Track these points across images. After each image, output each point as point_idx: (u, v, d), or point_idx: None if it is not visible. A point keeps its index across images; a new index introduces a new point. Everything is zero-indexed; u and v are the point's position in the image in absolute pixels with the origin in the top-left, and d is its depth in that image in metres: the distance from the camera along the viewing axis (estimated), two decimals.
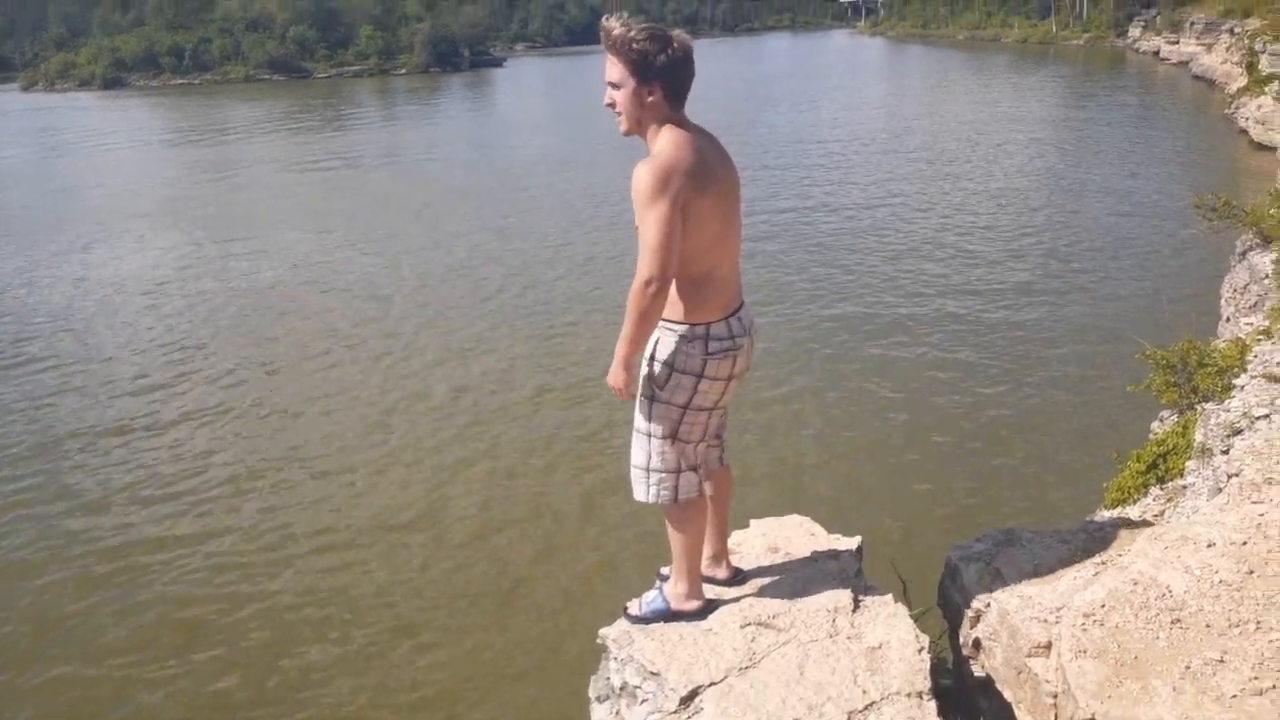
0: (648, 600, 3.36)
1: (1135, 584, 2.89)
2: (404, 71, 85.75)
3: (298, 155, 34.18)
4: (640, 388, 3.07)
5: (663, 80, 2.84)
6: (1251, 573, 2.86)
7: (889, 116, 37.83)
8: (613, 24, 2.83)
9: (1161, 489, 5.40)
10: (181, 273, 17.95)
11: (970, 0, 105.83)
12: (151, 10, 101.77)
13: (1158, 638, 2.66)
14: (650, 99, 2.86)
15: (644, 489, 3.18)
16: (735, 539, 3.75)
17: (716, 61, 79.56)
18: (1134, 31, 67.56)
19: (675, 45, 2.83)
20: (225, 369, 12.79)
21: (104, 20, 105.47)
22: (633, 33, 2.80)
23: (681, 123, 2.91)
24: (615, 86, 2.88)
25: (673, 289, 2.91)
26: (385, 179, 28.12)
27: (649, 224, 2.74)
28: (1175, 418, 6.61)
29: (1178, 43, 52.89)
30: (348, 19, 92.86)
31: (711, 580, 3.42)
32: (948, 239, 17.56)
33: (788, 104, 44.13)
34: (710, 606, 3.29)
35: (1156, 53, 57.31)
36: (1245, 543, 3.01)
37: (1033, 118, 34.94)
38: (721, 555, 3.48)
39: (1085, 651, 2.65)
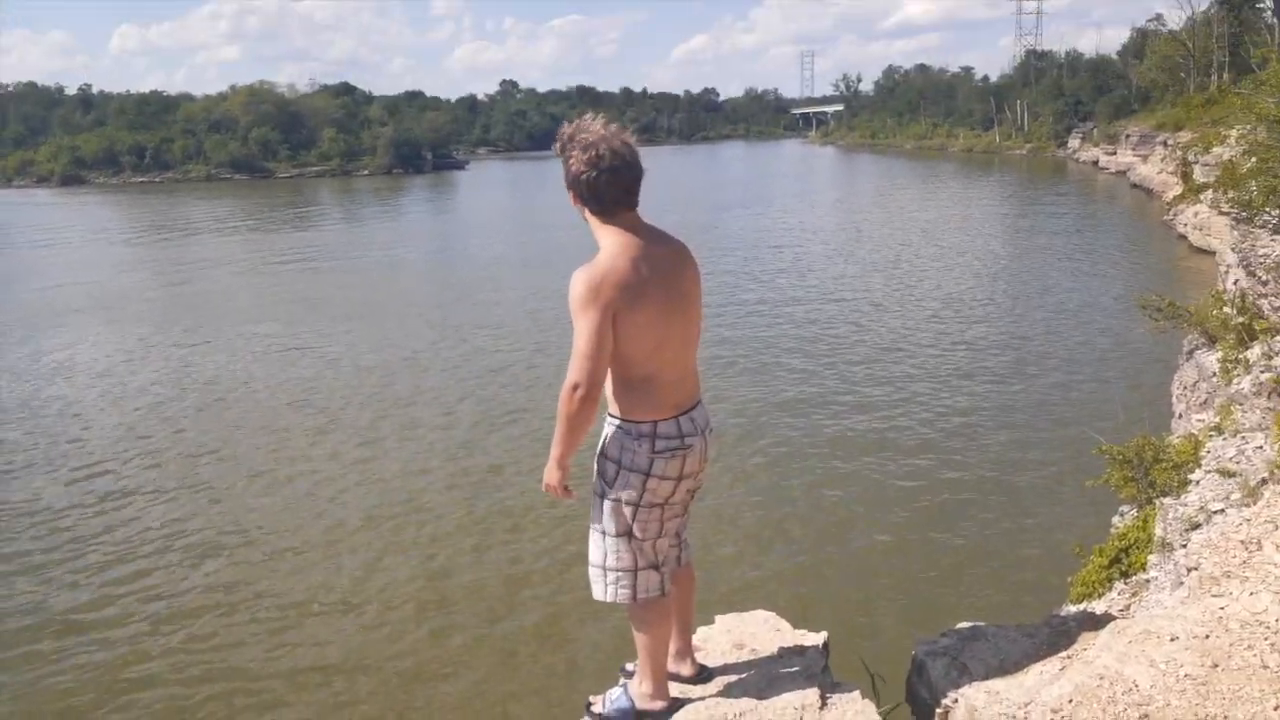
0: (612, 698, 3.27)
1: (1101, 679, 2.86)
2: (367, 173, 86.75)
3: (254, 253, 34.18)
4: (593, 485, 3.04)
5: (580, 196, 2.86)
6: (1216, 666, 2.85)
7: (841, 221, 38.86)
8: (565, 127, 2.89)
9: (1125, 583, 5.42)
10: (129, 364, 17.72)
11: (916, 112, 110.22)
12: (114, 111, 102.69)
13: None
14: (576, 205, 2.91)
15: (602, 588, 3.11)
16: (700, 635, 3.68)
17: (674, 170, 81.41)
18: (1073, 142, 70.67)
19: (600, 168, 2.80)
20: (166, 456, 12.62)
21: (65, 119, 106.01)
22: (569, 142, 2.85)
23: (627, 227, 2.88)
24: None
25: (619, 387, 2.91)
26: (340, 277, 28.15)
27: (578, 331, 2.75)
28: (1135, 512, 6.69)
29: (1115, 153, 55.35)
30: (311, 122, 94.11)
31: (676, 677, 3.34)
32: (904, 337, 17.89)
33: (741, 207, 45.16)
34: (675, 705, 3.20)
35: (1095, 162, 59.90)
36: (1208, 636, 3.01)
37: (980, 222, 36.10)
38: (685, 652, 3.40)
39: None
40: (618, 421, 2.96)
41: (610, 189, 2.84)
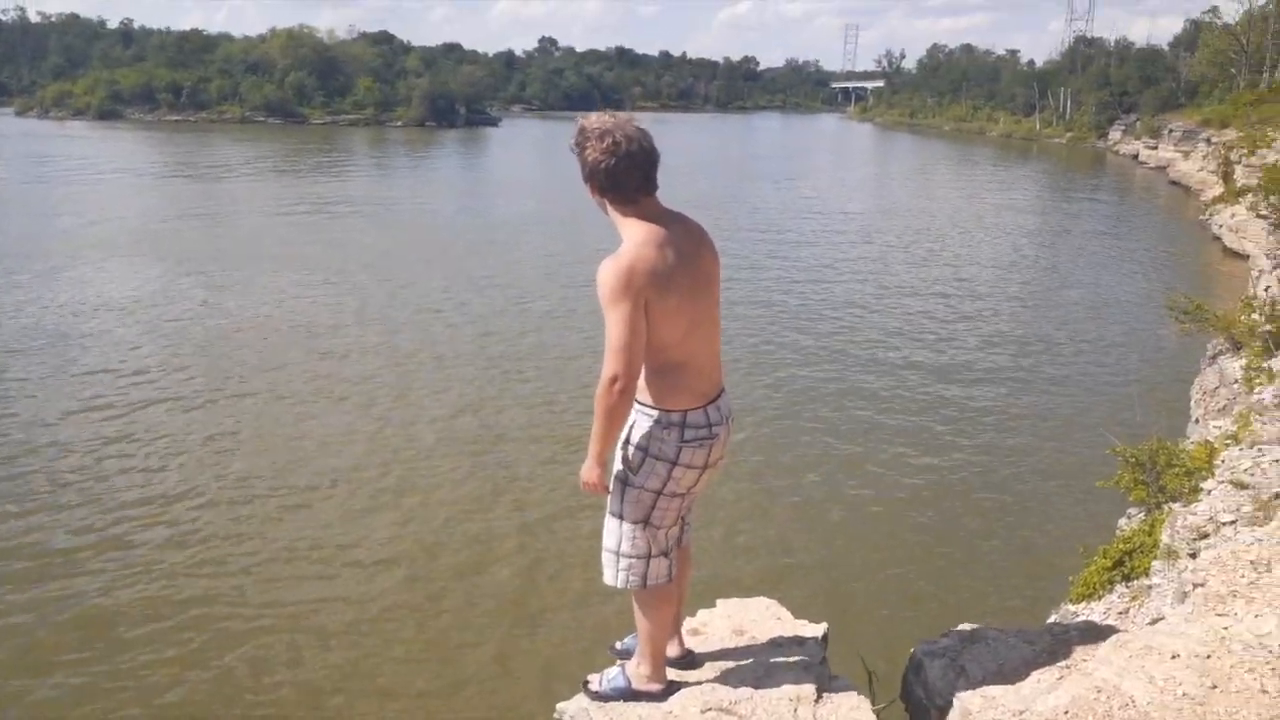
0: (609, 677, 3.30)
1: (1099, 691, 2.86)
2: (400, 124, 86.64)
3: (283, 197, 34.34)
4: (614, 470, 3.04)
5: (600, 186, 2.85)
6: (1215, 687, 2.85)
7: (872, 200, 38.56)
8: (578, 134, 2.86)
9: (1127, 587, 5.41)
10: (151, 303, 17.91)
11: (958, 93, 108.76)
12: (153, 47, 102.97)
13: None
14: (596, 198, 2.90)
15: (613, 573, 3.13)
16: (700, 618, 3.70)
17: (706, 138, 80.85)
18: (1115, 134, 69.60)
19: (618, 155, 2.79)
20: (179, 396, 12.76)
21: (105, 54, 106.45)
22: (583, 136, 2.83)
23: (648, 214, 2.87)
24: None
25: (650, 375, 2.90)
26: (368, 226, 28.21)
27: (611, 324, 2.74)
28: (1142, 516, 6.65)
29: (1156, 148, 54.45)
30: (348, 69, 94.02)
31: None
32: (922, 323, 17.77)
33: (770, 180, 44.83)
34: (671, 688, 3.23)
35: (1135, 156, 58.96)
36: (1209, 656, 3.00)
37: (1013, 211, 35.69)
38: (674, 634, 3.42)
39: None
40: (646, 410, 2.96)
41: (630, 175, 2.83)
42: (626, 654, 3.38)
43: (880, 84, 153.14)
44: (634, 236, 2.83)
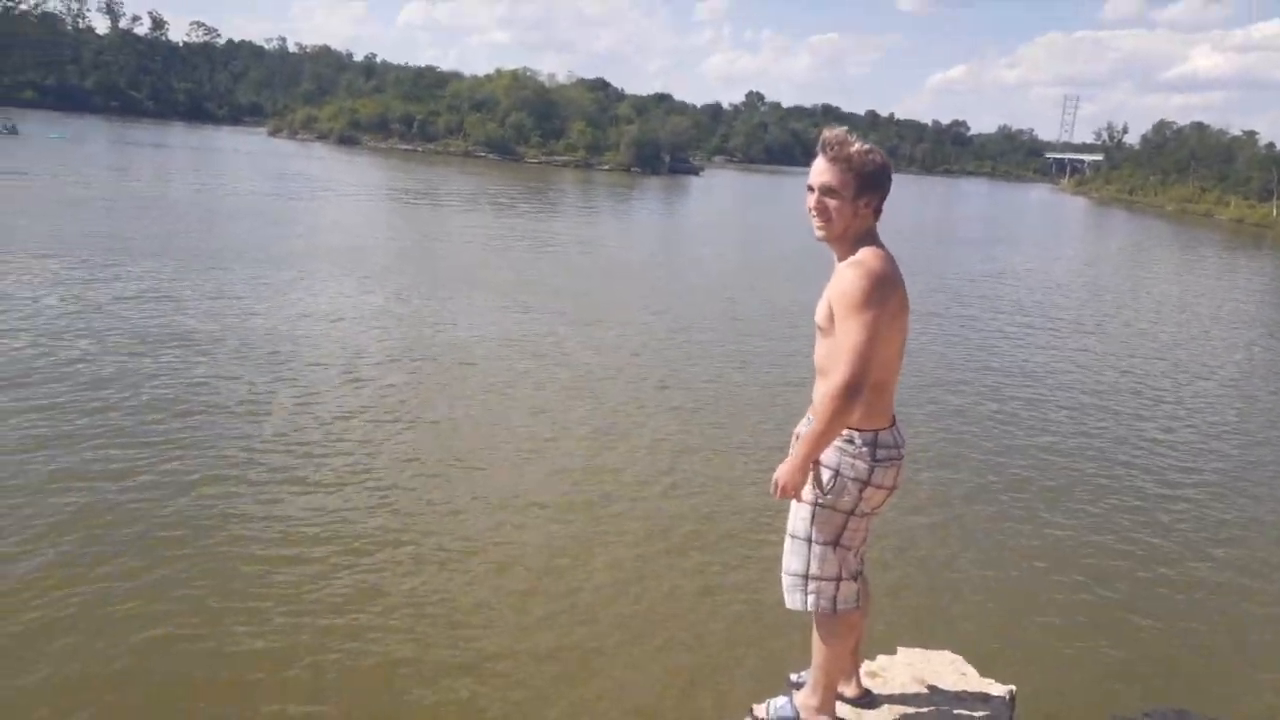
0: (777, 706, 3.30)
1: None
2: (607, 168, 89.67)
3: (500, 230, 36.06)
4: (802, 493, 3.07)
5: (879, 195, 2.98)
6: None
7: (1079, 275, 36.75)
8: (847, 137, 2.95)
9: None
10: (379, 318, 19.07)
11: (1184, 173, 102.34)
12: (391, 80, 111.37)
13: None
14: (864, 210, 2.96)
15: (801, 596, 3.11)
16: (879, 663, 3.65)
17: (910, 198, 79.49)
18: None
19: (888, 167, 2.99)
20: (396, 411, 13.35)
21: (349, 84, 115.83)
22: (865, 147, 2.93)
23: (878, 238, 3.02)
24: (828, 192, 2.94)
25: None
26: (577, 262, 29.20)
27: (855, 328, 2.79)
28: None
29: None
30: (564, 112, 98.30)
31: (839, 697, 3.32)
32: (1136, 404, 16.72)
33: (973, 246, 43.47)
34: None
35: None
36: None
37: (1235, 300, 33.16)
38: (851, 672, 3.38)
39: None
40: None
41: (888, 184, 3.02)
42: (802, 686, 3.36)
43: (1098, 158, 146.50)
44: (877, 253, 2.95)
